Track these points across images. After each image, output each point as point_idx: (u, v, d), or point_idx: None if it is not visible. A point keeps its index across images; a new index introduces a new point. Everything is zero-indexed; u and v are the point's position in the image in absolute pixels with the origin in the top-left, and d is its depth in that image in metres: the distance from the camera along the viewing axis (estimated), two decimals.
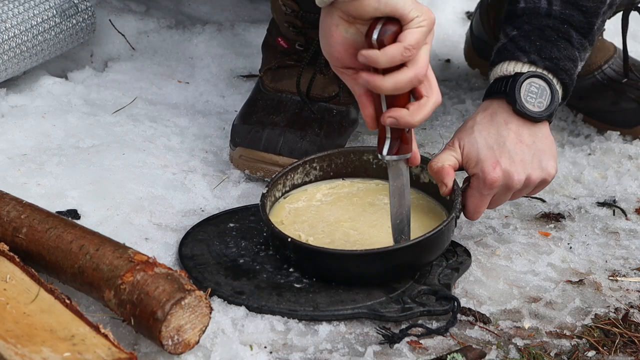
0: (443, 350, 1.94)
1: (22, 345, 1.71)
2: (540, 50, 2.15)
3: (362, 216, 2.18)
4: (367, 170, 2.27)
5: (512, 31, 2.18)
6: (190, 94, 2.78)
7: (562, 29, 2.16)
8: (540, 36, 2.16)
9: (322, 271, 2.05)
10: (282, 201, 2.21)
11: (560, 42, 2.16)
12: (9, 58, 2.60)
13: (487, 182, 2.10)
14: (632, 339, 2.01)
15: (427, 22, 1.87)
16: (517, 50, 2.16)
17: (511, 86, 2.13)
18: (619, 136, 2.69)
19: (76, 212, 2.22)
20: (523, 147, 2.13)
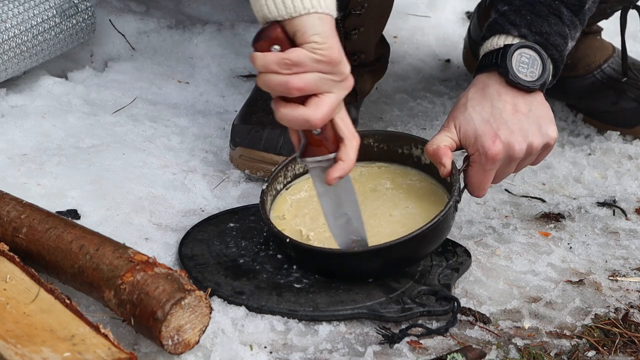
0: (443, 350, 1.94)
1: (22, 345, 1.71)
2: (531, 25, 2.13)
3: (363, 205, 2.15)
4: (368, 154, 2.26)
5: (503, 6, 2.17)
6: (190, 94, 2.78)
7: (553, 5, 2.16)
8: (531, 11, 2.15)
9: (323, 269, 2.06)
10: (284, 193, 2.21)
11: (550, 18, 2.15)
12: (9, 58, 2.60)
13: (489, 157, 2.08)
14: (632, 339, 2.01)
15: (325, 54, 1.81)
16: (507, 24, 2.14)
17: (502, 57, 2.11)
18: (619, 136, 2.69)
19: (76, 212, 2.22)
20: (520, 116, 2.10)
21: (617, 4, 2.64)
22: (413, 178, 2.22)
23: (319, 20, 1.81)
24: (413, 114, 2.78)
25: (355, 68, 2.50)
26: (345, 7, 2.38)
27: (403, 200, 2.18)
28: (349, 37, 2.43)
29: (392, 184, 2.22)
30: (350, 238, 2.04)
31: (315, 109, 1.85)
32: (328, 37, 1.81)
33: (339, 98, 1.87)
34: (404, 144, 2.24)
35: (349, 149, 1.92)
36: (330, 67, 1.83)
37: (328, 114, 1.86)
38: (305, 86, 1.83)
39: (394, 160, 2.25)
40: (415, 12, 3.27)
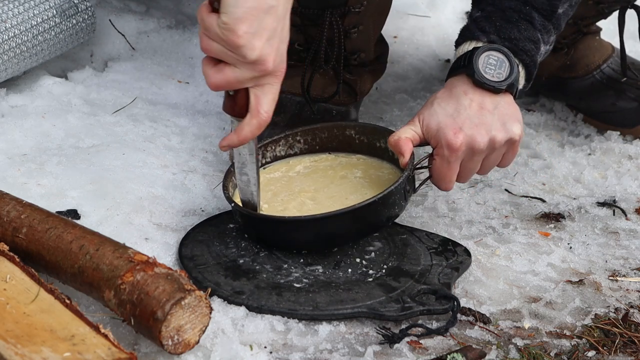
0: (443, 350, 1.94)
1: (22, 345, 1.71)
2: (500, 31, 2.15)
3: (328, 188, 2.22)
4: (351, 145, 2.31)
5: (476, 13, 2.20)
6: (190, 94, 2.78)
7: (523, 10, 2.17)
8: (501, 17, 2.16)
9: (261, 236, 2.12)
10: (261, 171, 2.25)
11: (521, 23, 2.16)
12: (9, 58, 2.60)
13: (451, 148, 2.09)
14: (632, 339, 2.01)
15: (225, 34, 1.86)
16: (477, 30, 2.17)
17: (469, 59, 2.13)
18: (619, 136, 2.69)
19: (76, 212, 2.22)
20: (485, 112, 2.12)
21: (615, 3, 2.64)
22: (384, 170, 2.26)
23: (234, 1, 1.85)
24: (413, 114, 2.77)
25: (355, 67, 2.51)
26: (344, 4, 2.38)
27: (365, 187, 2.22)
28: (349, 36, 2.43)
29: (362, 173, 2.26)
30: (247, 197, 2.12)
31: (214, 72, 1.93)
32: (236, 20, 1.85)
33: (245, 75, 1.91)
34: (381, 137, 2.28)
35: (245, 125, 1.97)
36: (230, 47, 1.88)
37: (222, 82, 1.92)
38: (208, 50, 1.91)
39: (372, 153, 2.29)
40: (415, 12, 3.27)
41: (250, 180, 2.10)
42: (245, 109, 1.97)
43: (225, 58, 1.90)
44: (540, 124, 2.77)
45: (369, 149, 2.29)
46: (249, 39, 1.87)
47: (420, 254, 2.14)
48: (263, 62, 1.90)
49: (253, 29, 1.86)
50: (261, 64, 1.90)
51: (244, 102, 1.97)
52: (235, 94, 1.96)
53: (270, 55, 1.90)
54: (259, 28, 1.87)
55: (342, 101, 2.50)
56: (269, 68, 1.91)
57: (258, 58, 1.89)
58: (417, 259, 2.13)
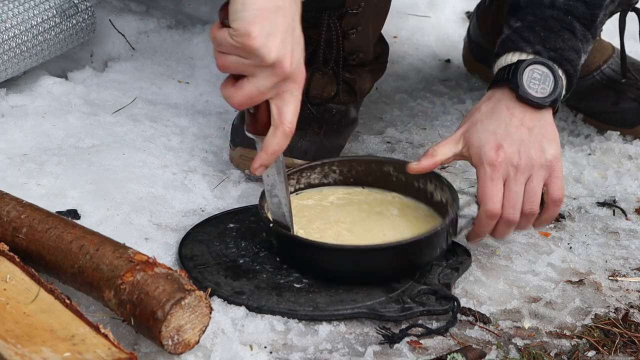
0: (443, 350, 1.94)
1: (22, 345, 1.71)
2: (545, 41, 2.13)
3: (364, 222, 2.18)
4: (387, 182, 2.26)
5: (516, 23, 2.16)
6: (190, 94, 2.78)
7: (565, 20, 2.15)
8: (544, 27, 2.14)
9: (298, 261, 2.07)
10: (293, 197, 2.21)
11: (564, 33, 2.14)
12: (9, 58, 2.60)
13: (492, 164, 2.06)
14: (632, 339, 2.01)
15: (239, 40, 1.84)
16: (521, 40, 2.14)
17: (513, 73, 2.11)
18: (619, 136, 2.69)
19: (76, 212, 2.22)
20: (524, 129, 2.10)
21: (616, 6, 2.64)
22: (421, 212, 2.22)
23: (241, 5, 1.83)
24: (413, 114, 2.78)
25: (355, 67, 2.51)
26: (342, 5, 2.38)
27: (402, 226, 2.17)
28: (347, 37, 2.43)
29: (399, 212, 2.22)
30: (278, 219, 2.07)
31: (234, 90, 1.91)
32: (247, 23, 1.83)
33: (265, 84, 1.89)
34: (420, 177, 2.22)
35: (270, 138, 1.94)
36: (247, 53, 1.85)
37: (245, 98, 1.90)
38: (225, 66, 1.89)
39: (409, 193, 2.24)
40: (415, 12, 3.27)
41: (281, 201, 2.06)
42: (268, 124, 1.94)
43: (243, 69, 1.88)
44: None
45: (406, 189, 2.24)
46: (264, 40, 1.84)
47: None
48: (281, 63, 1.87)
49: (266, 29, 1.84)
50: (279, 65, 1.87)
51: (265, 117, 1.94)
52: (256, 110, 1.93)
53: (287, 55, 1.88)
54: (271, 29, 1.85)
55: (341, 100, 2.50)
56: (287, 69, 1.88)
57: (276, 59, 1.86)
58: None
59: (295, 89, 1.93)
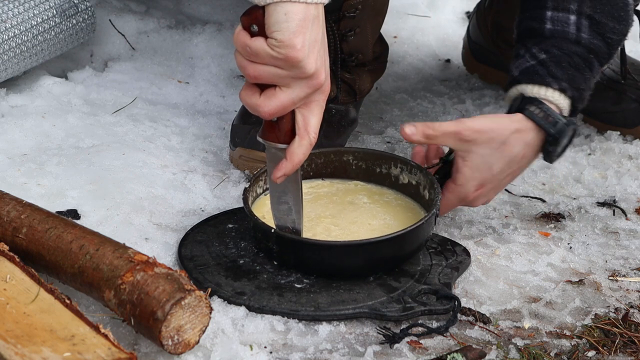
0: (443, 350, 1.94)
1: (22, 345, 1.71)
2: (571, 80, 2.13)
3: (342, 213, 2.19)
4: (346, 171, 2.28)
5: (540, 53, 2.15)
6: (190, 94, 2.78)
7: (588, 59, 2.15)
8: (570, 64, 2.14)
9: (304, 263, 2.06)
10: (262, 197, 2.21)
11: (585, 72, 2.15)
12: (9, 58, 2.60)
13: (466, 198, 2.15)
14: (632, 339, 2.01)
15: (282, 52, 1.82)
16: (548, 75, 2.13)
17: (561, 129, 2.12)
18: (619, 136, 2.69)
19: (76, 212, 2.22)
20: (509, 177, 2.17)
21: None
22: (389, 196, 2.25)
23: (284, 16, 1.81)
24: (413, 114, 2.78)
25: (354, 68, 2.51)
26: (338, 9, 2.38)
27: (381, 213, 2.20)
28: (345, 39, 2.43)
29: (369, 199, 2.24)
30: (286, 225, 2.06)
31: (266, 100, 1.88)
32: (291, 34, 1.81)
33: (299, 95, 1.88)
34: (383, 162, 2.26)
35: (296, 148, 1.93)
36: (288, 65, 1.83)
37: (278, 108, 1.88)
38: (259, 77, 1.86)
39: (370, 180, 2.27)
40: (415, 12, 3.27)
41: (291, 208, 2.04)
42: (291, 134, 1.93)
43: (278, 80, 1.85)
44: None
45: (367, 175, 2.27)
46: (306, 52, 1.82)
47: (420, 253, 2.14)
48: (318, 75, 1.86)
49: (307, 41, 1.82)
50: (316, 77, 1.86)
51: (289, 126, 1.92)
52: (279, 119, 1.92)
53: (322, 67, 1.87)
54: (310, 40, 1.83)
55: (341, 100, 2.50)
56: (322, 81, 1.87)
57: (315, 71, 1.85)
58: (416, 258, 2.12)
59: (322, 99, 1.92)
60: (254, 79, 1.87)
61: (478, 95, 2.87)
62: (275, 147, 1.95)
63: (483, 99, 2.86)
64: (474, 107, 2.80)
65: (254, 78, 1.87)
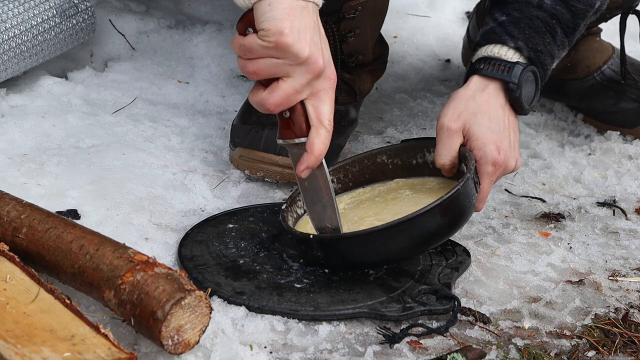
0: (443, 350, 1.94)
1: (22, 345, 1.71)
2: (528, 40, 2.15)
3: (386, 209, 2.17)
4: (384, 172, 2.26)
5: (501, 16, 2.18)
6: (190, 94, 2.78)
7: (550, 23, 2.17)
8: (529, 25, 2.16)
9: (353, 259, 2.04)
10: (305, 217, 2.18)
11: (546, 36, 2.17)
12: (9, 58, 2.60)
13: (495, 164, 2.11)
14: (632, 339, 2.01)
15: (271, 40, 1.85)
16: (505, 34, 2.16)
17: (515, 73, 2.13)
18: (619, 136, 2.69)
19: (76, 212, 2.22)
20: (512, 132, 2.15)
21: (617, 9, 2.64)
22: (431, 183, 2.23)
23: (269, 7, 1.85)
24: (413, 114, 2.78)
25: (354, 68, 2.51)
26: (338, 11, 2.38)
27: (424, 199, 2.16)
28: (345, 40, 2.43)
29: (411, 191, 2.22)
30: (325, 225, 2.05)
31: (269, 93, 1.90)
32: (278, 21, 1.84)
33: (301, 82, 1.89)
34: (417, 152, 2.24)
35: (314, 138, 1.94)
36: (280, 52, 1.86)
37: (282, 98, 1.90)
38: (258, 71, 1.89)
39: (410, 174, 2.25)
40: (415, 12, 3.27)
41: (326, 206, 2.03)
42: (306, 125, 1.94)
43: (276, 70, 1.88)
44: (540, 124, 2.77)
45: (405, 170, 2.25)
46: (296, 36, 1.85)
47: None
48: (314, 58, 1.88)
49: (296, 26, 1.85)
50: (313, 61, 1.88)
51: (302, 118, 1.93)
52: (292, 113, 1.93)
53: (318, 52, 1.88)
54: (300, 26, 1.86)
55: (341, 100, 2.50)
56: (321, 64, 1.88)
57: (310, 55, 1.87)
58: (416, 258, 2.13)
59: (329, 86, 1.93)
60: (254, 75, 1.89)
61: None
62: (295, 144, 1.96)
63: None
64: None
65: (254, 74, 1.89)
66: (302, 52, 1.86)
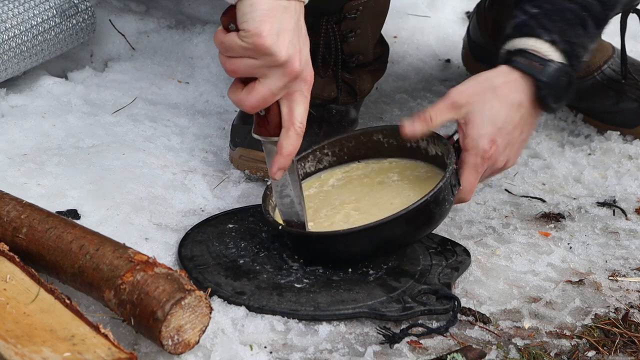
0: (443, 350, 1.94)
1: (22, 345, 1.71)
2: (562, 32, 2.11)
3: (368, 196, 2.19)
4: (380, 151, 2.27)
5: (532, 9, 2.13)
6: (190, 94, 2.78)
7: (580, 15, 2.14)
8: (562, 17, 2.12)
9: (316, 255, 2.08)
10: None
11: (578, 28, 2.13)
12: (9, 58, 2.60)
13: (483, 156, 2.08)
14: (632, 339, 2.01)
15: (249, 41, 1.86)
16: (539, 27, 2.11)
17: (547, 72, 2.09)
18: (619, 136, 2.69)
19: (76, 212, 2.22)
20: (517, 130, 2.11)
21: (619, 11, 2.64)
22: (420, 170, 2.23)
23: (250, 7, 1.85)
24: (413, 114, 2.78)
25: (354, 69, 2.51)
26: (339, 11, 2.38)
27: (406, 189, 2.19)
28: (346, 40, 2.43)
29: (399, 176, 2.23)
30: (292, 219, 2.07)
31: (246, 94, 1.92)
32: (257, 23, 1.85)
33: (277, 84, 1.90)
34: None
35: (283, 139, 1.95)
36: (258, 54, 1.87)
37: (258, 100, 1.91)
38: (236, 70, 1.90)
39: (404, 155, 2.26)
40: (415, 12, 3.27)
41: (293, 200, 2.06)
42: (280, 125, 1.95)
43: (253, 71, 1.89)
44: (540, 124, 2.77)
45: (400, 151, 2.26)
46: (274, 38, 1.85)
47: (420, 253, 2.14)
48: (291, 62, 1.88)
49: (275, 28, 1.85)
50: (290, 64, 1.88)
51: (277, 118, 1.95)
52: (267, 112, 1.94)
53: (296, 54, 1.89)
54: (280, 28, 1.86)
55: (341, 100, 2.50)
56: (297, 68, 1.89)
57: (287, 57, 1.87)
58: (416, 258, 2.13)
59: (305, 88, 1.94)
60: (232, 73, 1.91)
61: None
62: (269, 141, 1.98)
63: None
64: None
65: (232, 72, 1.91)
66: (281, 55, 1.87)
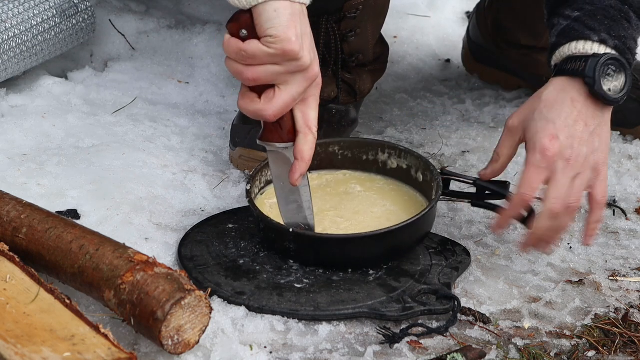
0: (443, 350, 1.94)
1: (22, 345, 1.71)
2: (610, 29, 2.07)
3: (342, 204, 2.21)
4: (332, 162, 2.29)
5: (573, 12, 2.09)
6: (190, 94, 2.78)
7: (623, 10, 2.11)
8: (605, 15, 2.08)
9: (325, 258, 2.07)
10: (260, 197, 2.22)
11: (623, 22, 2.10)
12: (9, 58, 2.60)
13: (544, 153, 2.00)
14: (632, 339, 2.01)
15: (278, 47, 1.83)
16: (585, 29, 2.07)
17: (590, 67, 2.04)
18: (619, 136, 2.69)
19: (76, 212, 2.22)
20: (582, 125, 2.03)
21: None
22: (380, 182, 2.27)
23: (275, 12, 1.82)
24: (413, 114, 2.78)
25: (354, 68, 2.51)
26: (339, 11, 2.38)
27: (379, 199, 2.22)
28: (346, 39, 2.43)
29: (362, 187, 2.26)
30: (298, 224, 2.07)
31: (268, 102, 1.89)
32: (285, 28, 1.82)
33: (298, 90, 1.89)
34: (369, 149, 2.28)
35: (303, 145, 1.95)
36: (286, 59, 1.84)
37: (281, 107, 1.89)
38: (258, 78, 1.87)
39: (357, 168, 2.29)
40: (415, 12, 3.27)
41: (303, 204, 2.05)
42: (292, 131, 1.94)
43: (277, 78, 1.86)
44: None
45: (353, 163, 2.28)
46: (301, 44, 1.84)
47: (420, 253, 2.14)
48: (314, 67, 1.87)
49: (300, 33, 1.84)
50: (312, 69, 1.87)
51: (291, 124, 1.94)
52: (281, 118, 1.93)
53: (315, 59, 1.88)
54: (302, 32, 1.85)
55: (341, 100, 2.50)
56: (317, 73, 1.88)
57: (311, 62, 1.86)
58: (416, 258, 2.13)
59: (317, 93, 1.93)
60: (253, 81, 1.87)
61: (478, 95, 2.87)
62: (280, 147, 1.97)
63: (483, 99, 2.86)
64: (474, 107, 2.80)
65: (253, 81, 1.87)
66: (306, 60, 1.85)
